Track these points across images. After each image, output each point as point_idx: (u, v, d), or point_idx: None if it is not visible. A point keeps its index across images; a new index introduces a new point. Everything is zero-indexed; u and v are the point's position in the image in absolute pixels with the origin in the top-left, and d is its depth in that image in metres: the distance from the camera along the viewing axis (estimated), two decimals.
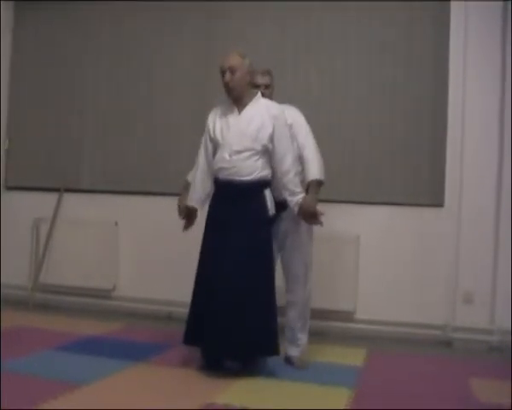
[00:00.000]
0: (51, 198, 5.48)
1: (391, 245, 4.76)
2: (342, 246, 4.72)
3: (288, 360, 3.76)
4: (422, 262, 4.70)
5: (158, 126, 5.32)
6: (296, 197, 3.48)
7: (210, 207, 3.63)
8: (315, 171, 3.60)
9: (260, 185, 3.51)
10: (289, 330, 3.78)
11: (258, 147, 3.47)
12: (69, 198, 5.50)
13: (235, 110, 3.56)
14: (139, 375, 3.42)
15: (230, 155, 3.47)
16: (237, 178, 3.47)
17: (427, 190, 4.73)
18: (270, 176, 3.55)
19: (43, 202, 5.51)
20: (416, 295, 4.68)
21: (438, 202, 4.71)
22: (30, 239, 5.53)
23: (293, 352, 3.76)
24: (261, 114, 3.51)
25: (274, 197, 3.56)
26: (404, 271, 4.72)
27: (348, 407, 2.99)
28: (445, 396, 3.28)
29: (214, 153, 3.60)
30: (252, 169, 3.47)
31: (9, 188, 5.70)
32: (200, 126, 3.63)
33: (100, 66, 5.52)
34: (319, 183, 3.62)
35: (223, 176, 3.53)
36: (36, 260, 5.49)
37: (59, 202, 5.48)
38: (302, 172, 3.64)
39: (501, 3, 4.52)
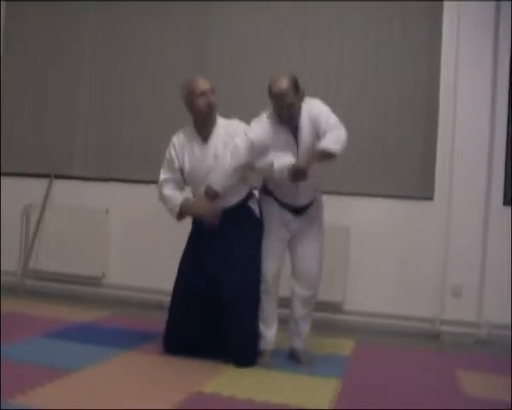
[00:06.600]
0: (41, 184, 5.45)
1: (380, 237, 4.78)
2: (332, 237, 4.69)
3: (294, 354, 3.67)
4: (411, 255, 4.73)
5: (149, 115, 5.30)
6: None
7: (194, 224, 3.63)
8: (329, 141, 3.24)
9: (243, 203, 3.52)
10: (294, 322, 3.67)
11: None
12: (59, 185, 5.48)
13: (199, 140, 3.49)
14: (128, 363, 3.43)
15: None
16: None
17: (418, 184, 4.76)
18: (250, 187, 3.57)
19: (33, 189, 5.48)
20: (404, 288, 4.72)
21: (428, 196, 4.74)
22: (20, 225, 5.49)
23: (298, 344, 3.67)
24: (223, 142, 3.43)
25: (284, 203, 3.52)
26: (392, 263, 4.75)
27: (335, 398, 3.01)
28: (431, 389, 3.31)
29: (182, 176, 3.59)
30: (229, 198, 3.47)
31: None
32: None
33: (91, 54, 5.48)
34: (326, 153, 3.25)
35: None
36: (25, 246, 5.46)
37: (49, 188, 5.46)
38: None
39: (493, 3, 4.54)
